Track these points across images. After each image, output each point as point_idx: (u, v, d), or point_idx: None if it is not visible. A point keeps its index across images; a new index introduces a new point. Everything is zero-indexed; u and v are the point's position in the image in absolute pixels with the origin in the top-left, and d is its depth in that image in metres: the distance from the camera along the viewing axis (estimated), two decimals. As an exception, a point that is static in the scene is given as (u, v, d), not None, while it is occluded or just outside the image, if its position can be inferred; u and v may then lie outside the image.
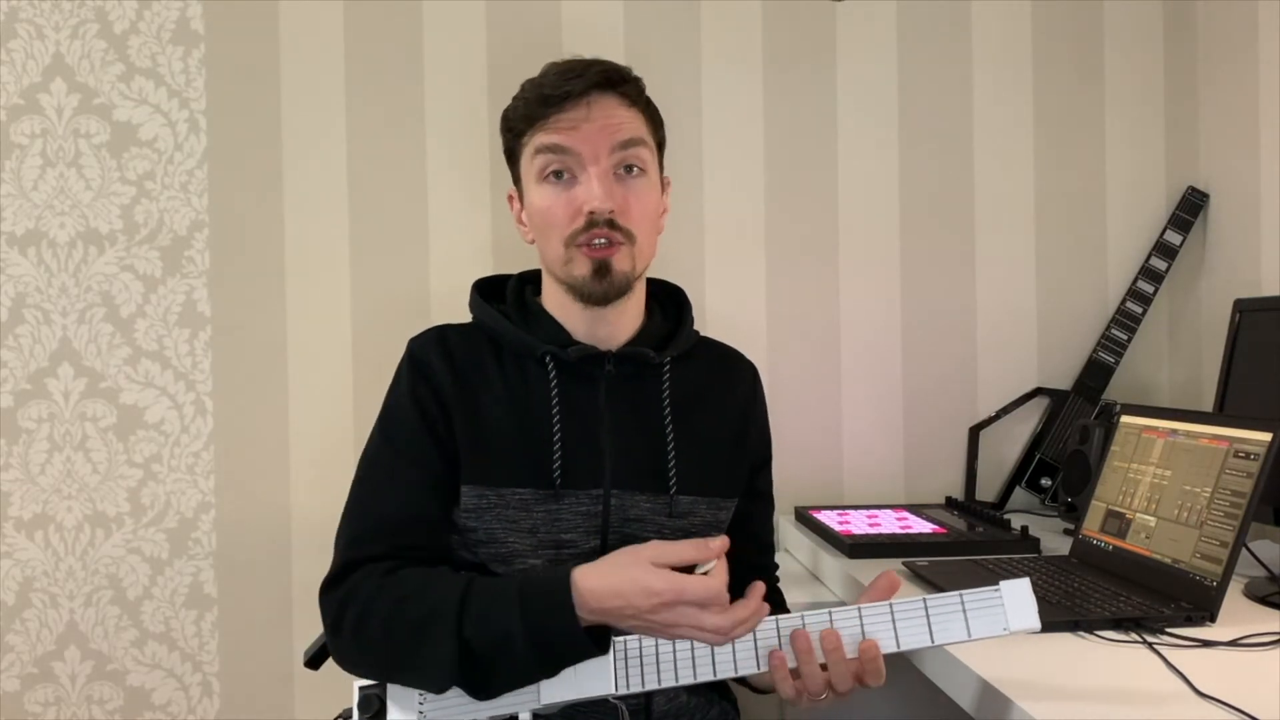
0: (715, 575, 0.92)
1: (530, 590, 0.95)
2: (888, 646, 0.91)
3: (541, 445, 1.11)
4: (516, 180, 1.18)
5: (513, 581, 0.97)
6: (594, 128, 1.09)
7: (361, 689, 0.97)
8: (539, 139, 1.11)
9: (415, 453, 1.10)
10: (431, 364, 1.14)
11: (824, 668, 0.94)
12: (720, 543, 0.93)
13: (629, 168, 1.11)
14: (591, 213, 1.08)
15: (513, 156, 1.17)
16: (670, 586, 0.90)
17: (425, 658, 0.95)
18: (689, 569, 0.93)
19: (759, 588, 0.95)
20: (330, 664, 1.09)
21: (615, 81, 1.11)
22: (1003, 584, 0.89)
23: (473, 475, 1.11)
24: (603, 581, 0.93)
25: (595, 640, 0.93)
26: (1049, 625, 1.07)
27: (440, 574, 1.02)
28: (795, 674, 0.95)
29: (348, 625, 1.00)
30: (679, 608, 0.91)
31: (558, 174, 1.11)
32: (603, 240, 1.09)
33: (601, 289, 1.10)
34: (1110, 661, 1.00)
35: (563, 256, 1.11)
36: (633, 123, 1.12)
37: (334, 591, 1.03)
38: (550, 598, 0.93)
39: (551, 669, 0.94)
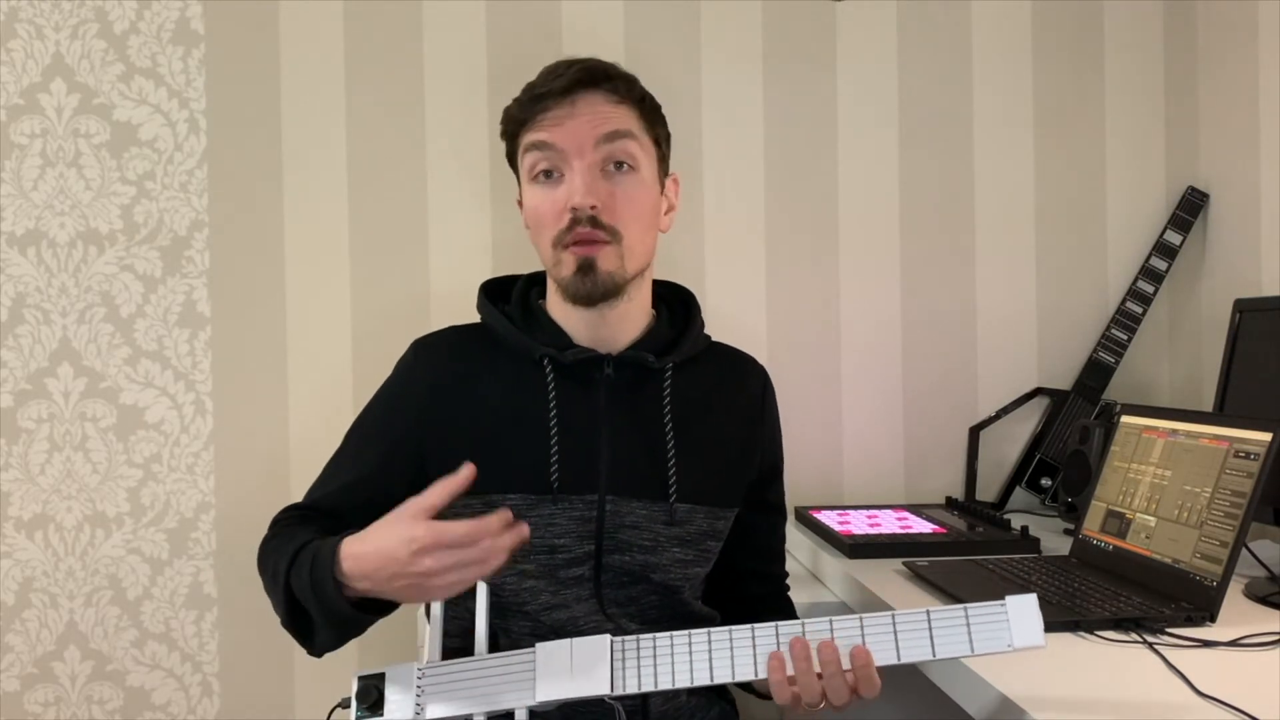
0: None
1: (317, 557, 0.99)
2: (888, 658, 0.89)
3: (537, 449, 1.11)
4: (520, 184, 1.18)
5: (311, 547, 1.02)
6: (578, 123, 1.09)
7: (360, 678, 0.96)
8: (528, 137, 1.12)
9: (360, 453, 1.18)
10: (421, 376, 1.17)
11: (820, 677, 0.92)
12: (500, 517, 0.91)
13: (618, 164, 1.10)
14: (574, 209, 1.08)
15: (513, 159, 1.18)
16: (429, 531, 0.90)
17: (275, 598, 1.07)
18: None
19: (505, 514, 0.93)
20: (330, 658, 1.11)
21: (599, 78, 1.11)
22: (1009, 599, 0.88)
23: None
24: (364, 545, 0.95)
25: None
26: (1049, 625, 1.07)
27: (295, 535, 1.08)
28: (792, 680, 0.92)
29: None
30: (437, 552, 0.90)
31: (547, 173, 1.11)
32: (585, 238, 1.08)
33: (586, 288, 1.09)
34: (1110, 662, 1.00)
35: (553, 258, 1.12)
36: (620, 117, 1.10)
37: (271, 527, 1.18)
38: (322, 567, 0.98)
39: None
